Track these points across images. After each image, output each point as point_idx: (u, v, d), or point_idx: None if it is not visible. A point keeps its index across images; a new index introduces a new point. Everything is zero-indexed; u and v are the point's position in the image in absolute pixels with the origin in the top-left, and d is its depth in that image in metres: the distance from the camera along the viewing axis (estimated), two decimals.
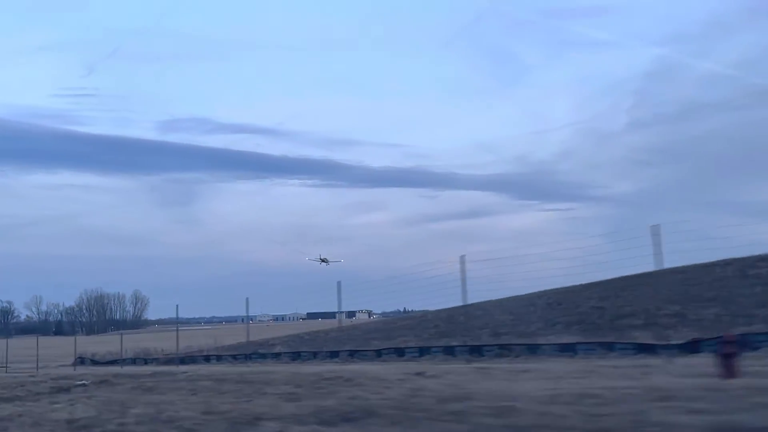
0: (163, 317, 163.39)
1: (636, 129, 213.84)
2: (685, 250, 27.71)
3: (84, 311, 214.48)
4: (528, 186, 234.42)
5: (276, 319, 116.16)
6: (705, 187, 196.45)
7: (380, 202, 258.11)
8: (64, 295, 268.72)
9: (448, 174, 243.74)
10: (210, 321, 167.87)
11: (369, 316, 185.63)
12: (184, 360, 40.94)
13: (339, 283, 30.79)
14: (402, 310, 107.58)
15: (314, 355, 33.53)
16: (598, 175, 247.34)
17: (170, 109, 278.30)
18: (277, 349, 37.70)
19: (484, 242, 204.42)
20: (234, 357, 38.86)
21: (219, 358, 40.12)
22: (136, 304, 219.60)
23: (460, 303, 27.46)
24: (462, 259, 25.16)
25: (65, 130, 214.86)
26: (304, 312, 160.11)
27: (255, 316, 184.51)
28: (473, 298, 27.31)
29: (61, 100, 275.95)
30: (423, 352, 29.71)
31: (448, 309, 39.55)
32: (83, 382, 20.69)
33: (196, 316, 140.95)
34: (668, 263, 27.98)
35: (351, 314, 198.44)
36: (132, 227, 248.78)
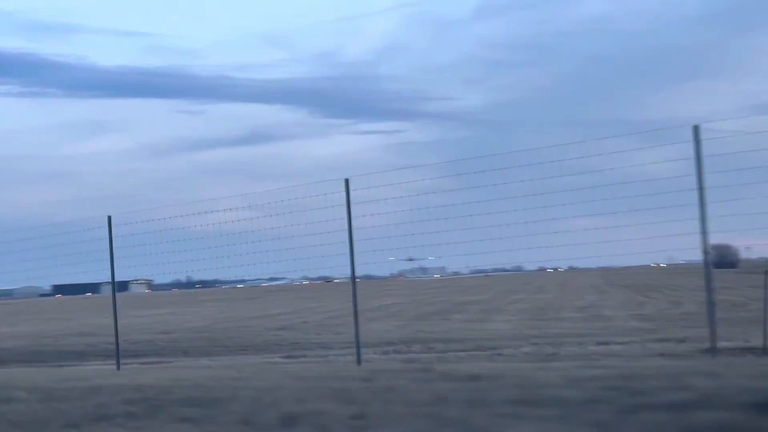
0: None
1: (489, 15, 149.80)
2: None
3: None
4: (337, 97, 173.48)
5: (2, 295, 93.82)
6: (584, 100, 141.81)
7: (116, 121, 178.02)
8: None
9: (219, 78, 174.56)
10: None
11: (147, 289, 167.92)
12: None
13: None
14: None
15: None
16: (438, 81, 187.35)
17: None
18: None
19: (275, 179, 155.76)
20: None
21: None
22: None
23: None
24: None
25: None
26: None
27: None
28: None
29: None
30: None
31: None
32: None
33: None
34: None
35: (124, 285, 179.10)
36: None
